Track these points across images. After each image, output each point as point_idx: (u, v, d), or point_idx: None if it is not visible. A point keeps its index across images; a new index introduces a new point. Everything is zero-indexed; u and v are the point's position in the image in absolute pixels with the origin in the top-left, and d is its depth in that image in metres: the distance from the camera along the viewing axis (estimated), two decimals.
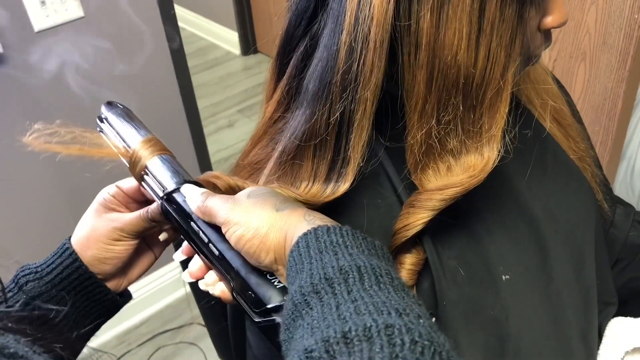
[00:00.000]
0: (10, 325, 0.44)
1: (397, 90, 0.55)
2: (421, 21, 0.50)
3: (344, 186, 0.56)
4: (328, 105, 0.55)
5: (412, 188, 0.57)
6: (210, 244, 0.54)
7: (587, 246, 0.69)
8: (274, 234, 0.50)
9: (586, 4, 1.32)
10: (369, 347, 0.34)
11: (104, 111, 0.64)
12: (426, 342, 0.34)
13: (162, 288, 2.04)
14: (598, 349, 0.75)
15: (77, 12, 1.45)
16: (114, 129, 0.63)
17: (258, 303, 0.50)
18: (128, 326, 1.99)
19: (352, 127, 0.55)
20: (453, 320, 0.59)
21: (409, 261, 0.57)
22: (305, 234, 0.47)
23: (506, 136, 0.55)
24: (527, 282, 0.62)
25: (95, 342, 0.63)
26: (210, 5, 3.73)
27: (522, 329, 0.62)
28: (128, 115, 0.64)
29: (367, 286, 0.41)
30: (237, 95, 3.28)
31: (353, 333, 0.35)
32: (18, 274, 0.61)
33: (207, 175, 0.61)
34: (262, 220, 0.50)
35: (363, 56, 0.52)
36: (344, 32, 0.52)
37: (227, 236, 0.52)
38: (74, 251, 0.62)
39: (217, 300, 0.57)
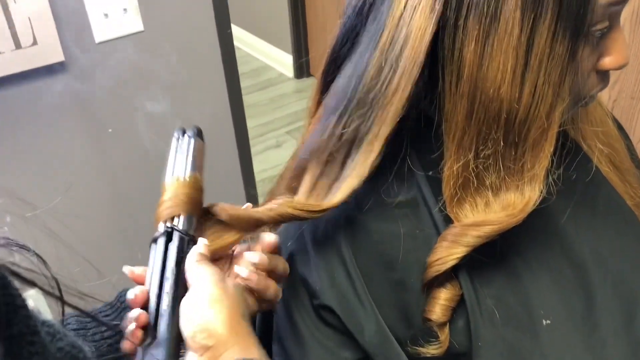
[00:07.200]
0: None
1: (435, 116, 0.53)
2: (465, 50, 0.49)
3: (333, 200, 0.55)
4: (344, 120, 0.54)
5: (451, 220, 0.55)
6: (165, 295, 0.53)
7: None
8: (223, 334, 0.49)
9: None
10: None
11: (191, 134, 0.61)
12: None
13: None
14: None
15: (137, 26, 1.50)
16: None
17: None
18: None
19: (361, 146, 0.53)
20: None
21: (444, 296, 0.55)
22: None
23: (549, 176, 0.53)
24: (570, 329, 0.59)
25: None
26: (266, 27, 3.80)
27: None
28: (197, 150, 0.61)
29: None
30: (286, 116, 3.31)
31: None
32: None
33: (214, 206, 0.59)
34: (218, 317, 0.49)
35: (389, 77, 0.51)
36: (377, 50, 0.51)
37: (185, 298, 0.51)
38: None
39: None
